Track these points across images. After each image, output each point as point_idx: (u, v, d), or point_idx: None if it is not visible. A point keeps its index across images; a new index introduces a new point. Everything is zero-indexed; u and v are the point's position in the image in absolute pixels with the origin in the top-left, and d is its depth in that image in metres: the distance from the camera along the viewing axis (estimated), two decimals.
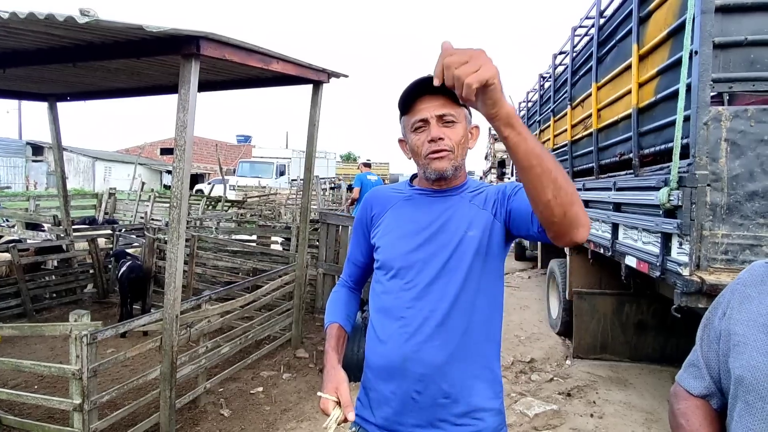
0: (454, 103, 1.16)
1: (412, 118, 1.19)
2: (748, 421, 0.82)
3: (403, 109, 1.21)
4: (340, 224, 5.76)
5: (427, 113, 1.16)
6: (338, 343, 1.28)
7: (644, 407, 3.52)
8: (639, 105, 3.11)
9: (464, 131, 1.19)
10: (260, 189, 18.00)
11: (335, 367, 1.20)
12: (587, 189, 4.16)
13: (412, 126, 1.19)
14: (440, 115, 1.15)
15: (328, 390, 1.15)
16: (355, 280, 1.44)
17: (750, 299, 0.90)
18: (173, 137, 2.57)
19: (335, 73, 4.03)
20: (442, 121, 1.16)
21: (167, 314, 2.82)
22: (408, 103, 1.19)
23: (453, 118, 1.16)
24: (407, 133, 1.23)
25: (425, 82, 1.13)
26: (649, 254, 2.85)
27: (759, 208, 2.30)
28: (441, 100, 1.16)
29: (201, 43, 2.34)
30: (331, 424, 1.10)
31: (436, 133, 1.15)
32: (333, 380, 1.17)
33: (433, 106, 1.16)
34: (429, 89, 1.13)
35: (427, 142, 1.17)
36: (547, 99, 6.05)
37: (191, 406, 3.48)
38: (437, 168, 1.18)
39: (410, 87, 1.16)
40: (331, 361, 1.22)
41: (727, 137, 2.33)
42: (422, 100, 1.17)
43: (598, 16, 3.96)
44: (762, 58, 2.34)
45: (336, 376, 1.17)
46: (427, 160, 1.18)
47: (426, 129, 1.17)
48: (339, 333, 1.31)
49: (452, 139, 1.16)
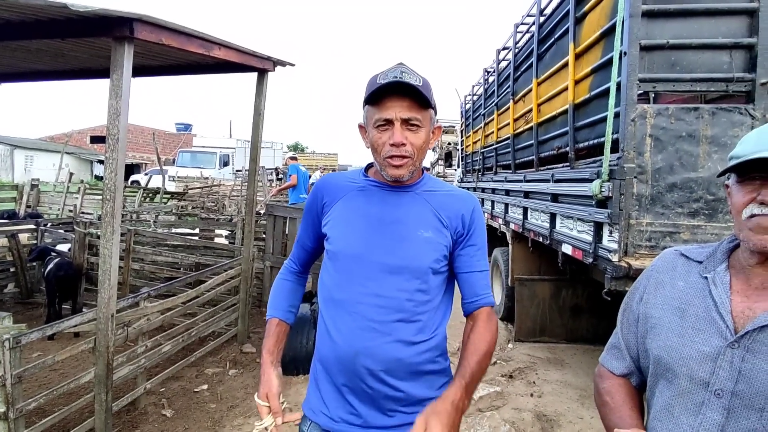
0: (421, 105, 1.16)
1: (376, 114, 1.16)
2: (667, 394, 0.91)
3: (369, 99, 1.18)
4: (287, 216, 5.66)
5: (392, 113, 1.14)
6: (276, 342, 1.29)
7: (579, 385, 3.77)
8: (575, 101, 3.28)
9: (427, 135, 1.19)
10: (202, 180, 17.28)
11: (268, 371, 1.23)
12: (528, 181, 4.34)
13: (375, 122, 1.17)
14: (406, 118, 1.14)
15: (260, 395, 1.19)
16: (302, 264, 1.43)
17: (663, 284, 0.98)
18: (105, 125, 2.40)
19: (281, 62, 3.92)
20: (406, 124, 1.15)
21: (101, 313, 2.66)
22: (376, 95, 1.16)
23: (418, 123, 1.15)
24: (369, 126, 1.20)
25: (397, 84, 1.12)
26: (583, 242, 3.03)
27: (677, 199, 2.51)
28: (409, 102, 1.14)
29: (135, 25, 2.19)
30: (258, 428, 1.15)
31: (398, 138, 1.14)
32: (265, 386, 1.20)
33: (400, 107, 1.14)
34: (399, 89, 1.13)
35: (388, 144, 1.15)
36: (491, 93, 6.22)
37: (130, 409, 3.32)
38: (394, 174, 1.17)
39: (383, 85, 1.13)
40: (264, 364, 1.24)
41: (651, 133, 2.52)
42: (391, 97, 1.14)
43: (538, 14, 4.12)
44: (681, 60, 2.54)
45: (268, 382, 1.20)
46: (385, 162, 1.17)
47: (389, 129, 1.15)
48: (278, 330, 1.31)
49: (414, 145, 1.16)
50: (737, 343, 0.82)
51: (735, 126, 2.46)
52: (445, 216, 1.23)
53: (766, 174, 0.83)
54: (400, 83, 1.12)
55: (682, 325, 0.90)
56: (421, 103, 1.15)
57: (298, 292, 1.43)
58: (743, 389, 0.80)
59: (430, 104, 1.17)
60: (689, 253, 0.98)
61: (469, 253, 1.24)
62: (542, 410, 3.37)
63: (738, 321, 0.84)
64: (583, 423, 3.23)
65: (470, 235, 1.24)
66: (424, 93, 1.14)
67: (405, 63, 1.20)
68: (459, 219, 1.23)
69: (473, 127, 7.73)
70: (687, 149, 2.50)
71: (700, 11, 2.49)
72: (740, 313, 0.85)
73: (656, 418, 0.93)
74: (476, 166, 7.33)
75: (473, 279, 1.24)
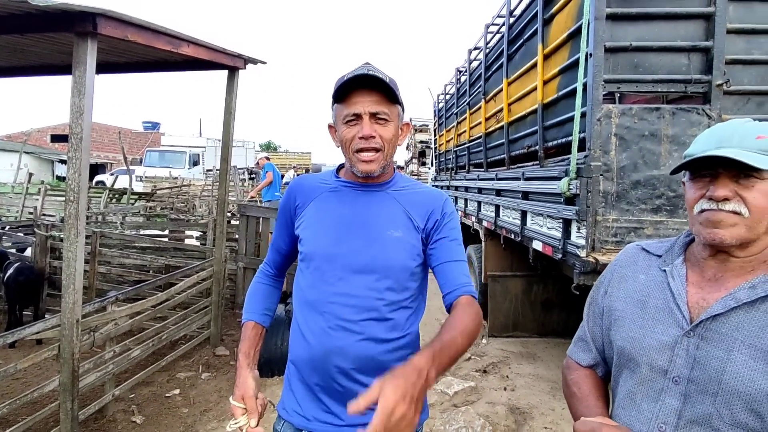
0: (389, 100, 1.17)
1: (345, 110, 1.17)
2: (630, 383, 0.95)
3: (337, 97, 1.19)
4: (260, 216, 5.59)
5: (361, 108, 1.15)
6: (251, 345, 1.28)
7: (550, 377, 3.87)
8: (544, 101, 3.35)
9: (396, 130, 1.20)
10: (171, 180, 16.84)
11: (244, 374, 1.22)
12: (500, 179, 4.42)
13: (344, 118, 1.17)
14: (374, 112, 1.15)
15: (236, 397, 1.18)
16: (277, 267, 1.43)
17: (626, 278, 1.03)
18: (67, 123, 2.32)
19: (252, 60, 3.87)
20: (375, 118, 1.16)
21: (66, 319, 2.56)
22: (343, 92, 1.16)
23: (386, 116, 1.17)
24: (338, 123, 1.21)
25: (364, 77, 1.13)
26: (553, 238, 3.11)
27: (641, 196, 2.61)
28: (376, 97, 1.15)
29: (98, 20, 2.11)
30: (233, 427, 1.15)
31: (367, 131, 1.15)
32: (241, 387, 1.19)
33: (368, 101, 1.15)
34: (366, 83, 1.13)
35: (357, 138, 1.16)
36: (463, 92, 6.30)
37: (98, 416, 3.22)
38: (364, 170, 1.18)
39: (348, 79, 1.14)
40: (241, 366, 1.23)
41: (616, 132, 2.60)
42: (358, 92, 1.15)
43: (508, 15, 4.19)
44: (643, 62, 2.63)
45: (244, 384, 1.19)
46: (355, 157, 1.18)
47: (358, 124, 1.16)
48: (254, 333, 1.31)
49: (383, 138, 1.17)
50: (692, 332, 0.86)
51: (693, 125, 2.57)
52: (416, 214, 1.24)
53: (714, 171, 0.87)
54: (367, 76, 1.13)
55: (643, 316, 0.95)
56: (389, 98, 1.17)
57: (274, 295, 1.42)
58: (698, 375, 0.84)
59: (398, 100, 1.19)
60: (649, 247, 1.03)
61: (443, 245, 1.23)
62: (515, 403, 3.44)
63: (693, 311, 0.88)
64: (554, 414, 3.32)
65: (442, 228, 1.24)
66: (391, 86, 1.15)
67: (371, 63, 1.21)
68: (429, 215, 1.24)
69: (446, 125, 7.80)
70: (649, 148, 2.60)
71: (660, 15, 2.59)
72: (695, 304, 0.89)
73: (620, 406, 0.97)
74: (449, 165, 7.41)
75: (449, 269, 1.21)
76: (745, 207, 0.84)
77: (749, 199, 0.83)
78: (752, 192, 0.83)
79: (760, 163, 0.82)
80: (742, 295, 0.84)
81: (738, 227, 0.84)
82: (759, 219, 0.83)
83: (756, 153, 0.83)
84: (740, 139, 0.86)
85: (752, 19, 2.60)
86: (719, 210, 0.85)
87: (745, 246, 0.86)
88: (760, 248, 0.86)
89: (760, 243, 0.86)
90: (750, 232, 0.84)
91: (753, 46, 2.61)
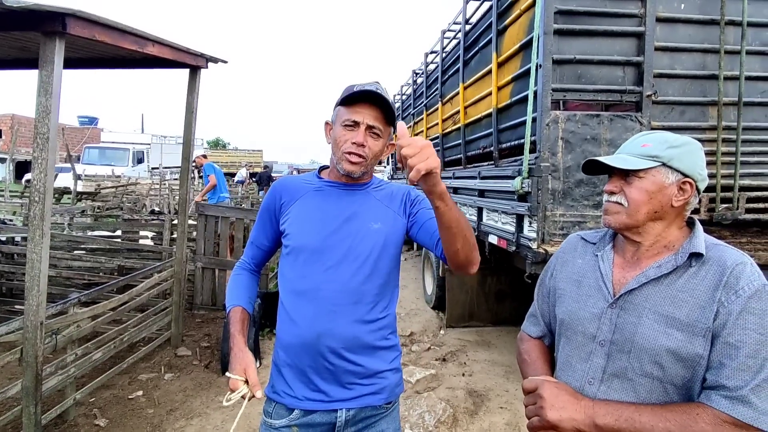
0: (386, 121, 1.33)
1: (347, 115, 1.32)
2: (567, 349, 1.15)
3: (343, 102, 1.33)
4: (219, 215, 5.54)
5: (361, 117, 1.30)
6: (243, 326, 1.35)
7: (504, 362, 4.16)
8: (498, 105, 3.61)
9: (383, 146, 1.37)
10: (115, 179, 16.01)
11: (243, 349, 1.28)
12: (457, 177, 4.66)
13: (344, 121, 1.32)
14: (371, 125, 1.31)
15: (237, 371, 1.23)
16: (257, 263, 1.52)
17: (567, 263, 1.24)
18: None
19: (214, 59, 3.87)
20: (370, 131, 1.32)
21: (29, 322, 2.51)
22: (351, 99, 1.31)
23: (379, 132, 1.33)
24: (336, 124, 1.36)
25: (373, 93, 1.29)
26: (507, 232, 3.37)
27: (584, 193, 2.91)
28: (377, 113, 1.31)
29: (67, 20, 2.09)
30: (235, 396, 1.19)
31: (360, 139, 1.31)
32: (241, 362, 1.25)
33: (369, 114, 1.31)
34: (373, 99, 1.29)
35: (350, 142, 1.31)
36: (420, 94, 6.51)
37: (58, 422, 3.14)
38: (348, 169, 1.34)
39: (360, 91, 1.29)
40: (238, 344, 1.30)
41: (563, 136, 2.88)
42: (364, 104, 1.31)
43: (464, 22, 4.42)
44: (585, 73, 2.93)
45: (244, 358, 1.25)
46: (343, 156, 1.33)
47: (354, 130, 1.31)
48: (243, 316, 1.38)
49: (371, 150, 1.33)
50: (615, 304, 1.07)
51: (627, 131, 2.90)
52: (394, 205, 1.42)
53: (609, 171, 1.12)
54: (376, 94, 1.29)
55: (579, 293, 1.15)
56: (387, 119, 1.34)
57: (254, 287, 1.51)
58: (617, 338, 1.05)
59: (393, 123, 1.36)
60: (587, 236, 1.25)
61: (422, 212, 1.41)
62: (473, 387, 3.69)
63: (616, 287, 1.09)
64: (509, 395, 3.59)
65: (416, 203, 1.43)
66: (392, 109, 1.33)
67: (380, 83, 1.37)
68: (402, 202, 1.44)
69: None
70: (591, 150, 2.89)
71: (599, 32, 2.89)
72: (618, 281, 1.10)
73: (560, 368, 1.17)
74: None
75: (432, 222, 1.31)
76: (625, 199, 1.07)
77: (628, 193, 1.07)
78: (632, 188, 1.06)
79: (628, 164, 1.05)
80: (651, 273, 1.04)
81: (620, 215, 1.07)
82: (636, 208, 1.06)
83: (636, 157, 1.06)
84: (631, 147, 1.10)
85: (676, 38, 2.96)
86: (608, 201, 1.10)
87: (633, 231, 1.08)
88: (654, 234, 1.08)
89: (651, 230, 1.07)
90: (630, 218, 1.06)
91: (676, 62, 2.98)
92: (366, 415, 1.36)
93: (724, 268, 0.97)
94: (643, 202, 1.04)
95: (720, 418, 0.90)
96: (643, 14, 2.86)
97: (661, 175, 1.04)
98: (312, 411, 1.33)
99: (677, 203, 1.05)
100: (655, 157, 1.04)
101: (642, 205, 1.05)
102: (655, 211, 1.05)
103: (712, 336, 0.95)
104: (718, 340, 0.94)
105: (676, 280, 1.01)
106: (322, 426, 1.34)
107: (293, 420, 1.33)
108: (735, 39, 2.96)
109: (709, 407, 0.91)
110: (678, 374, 0.97)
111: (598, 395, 1.04)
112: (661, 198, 1.04)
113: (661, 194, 1.04)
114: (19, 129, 17.65)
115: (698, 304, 0.97)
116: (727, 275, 0.96)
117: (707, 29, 2.97)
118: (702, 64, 3.00)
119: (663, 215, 1.06)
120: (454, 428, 3.17)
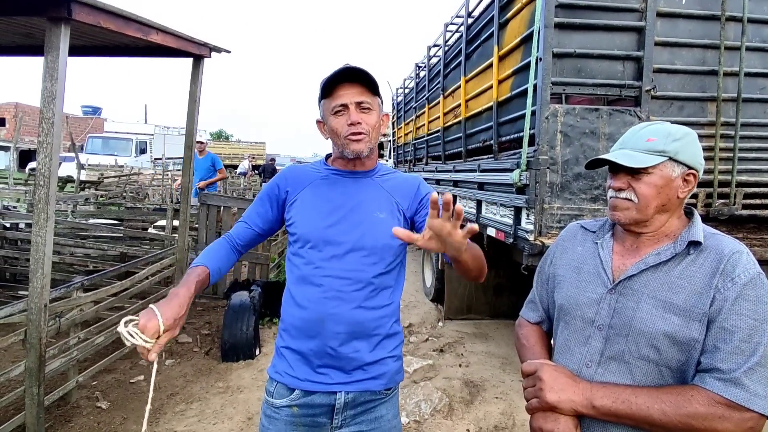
0: (370, 92, 1.34)
1: (332, 103, 1.33)
2: (566, 333, 1.19)
3: (323, 93, 1.35)
4: (221, 205, 5.59)
5: (347, 99, 1.31)
6: (197, 280, 1.26)
7: (501, 354, 4.21)
8: (498, 99, 3.63)
9: (378, 117, 1.38)
10: (117, 168, 16.09)
11: (185, 295, 1.17)
12: (457, 170, 4.69)
13: (333, 110, 1.34)
14: (358, 102, 1.32)
15: (166, 315, 1.09)
16: (243, 241, 1.46)
17: (567, 250, 1.27)
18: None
19: (217, 48, 3.89)
20: (359, 107, 1.32)
21: (33, 304, 2.56)
22: (329, 88, 1.32)
23: (369, 105, 1.34)
24: (327, 116, 1.37)
25: (347, 71, 1.29)
26: (505, 225, 3.40)
27: (582, 186, 2.93)
28: (359, 88, 1.32)
29: (73, 6, 2.12)
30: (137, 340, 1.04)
31: (355, 117, 1.31)
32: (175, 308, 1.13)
33: (352, 93, 1.31)
34: (349, 77, 1.29)
35: (347, 125, 1.32)
36: (422, 87, 6.52)
37: (61, 403, 3.20)
38: (355, 149, 1.34)
39: (333, 74, 1.30)
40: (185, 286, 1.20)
41: (561, 129, 2.90)
42: (342, 86, 1.31)
43: (466, 16, 4.43)
44: (585, 67, 2.94)
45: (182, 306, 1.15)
46: (346, 140, 1.34)
47: (345, 113, 1.32)
48: (203, 276, 1.29)
49: (369, 124, 1.34)
50: (614, 289, 1.10)
51: (626, 125, 2.91)
52: (399, 198, 1.43)
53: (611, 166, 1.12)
54: (350, 69, 1.30)
55: (578, 279, 1.18)
56: (370, 89, 1.34)
57: (231, 260, 1.43)
58: (616, 322, 1.08)
59: (378, 92, 1.37)
60: (587, 225, 1.28)
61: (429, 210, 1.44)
62: (469, 378, 3.74)
63: (615, 273, 1.12)
64: (504, 386, 3.64)
65: (423, 200, 1.43)
66: (372, 78, 1.33)
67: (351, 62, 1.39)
68: (410, 197, 1.44)
69: (405, 119, 8.02)
70: (589, 144, 2.91)
71: (600, 26, 2.90)
72: (617, 268, 1.13)
73: (558, 352, 1.20)
74: (408, 157, 7.64)
75: None
76: (635, 195, 1.08)
77: (638, 189, 1.07)
78: (641, 183, 1.07)
79: (638, 162, 1.06)
80: (650, 260, 1.08)
81: (630, 210, 1.09)
82: (646, 204, 1.07)
83: (642, 153, 1.07)
84: (635, 141, 1.10)
85: (676, 33, 2.97)
86: (617, 197, 1.11)
87: (641, 224, 1.10)
88: (658, 225, 1.10)
89: (656, 221, 1.10)
90: (640, 214, 1.08)
91: (676, 57, 2.99)
92: (365, 399, 1.38)
93: (721, 256, 1.00)
94: (652, 197, 1.06)
95: (714, 400, 0.93)
96: (644, 9, 2.87)
97: (668, 169, 1.06)
98: (312, 392, 1.35)
99: (682, 194, 1.08)
100: (662, 152, 1.06)
101: (652, 200, 1.06)
102: (663, 204, 1.07)
103: (708, 321, 0.98)
104: (714, 325, 0.97)
105: (674, 267, 1.04)
106: (322, 407, 1.36)
107: (294, 400, 1.36)
108: (735, 35, 2.97)
109: (703, 389, 0.95)
110: (674, 357, 1.01)
111: (595, 378, 1.07)
112: (668, 191, 1.06)
113: (668, 188, 1.06)
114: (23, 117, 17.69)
115: (695, 291, 1.00)
116: (724, 263, 0.99)
117: (707, 25, 2.98)
118: (702, 59, 3.01)
119: (669, 207, 1.08)
120: (450, 417, 3.22)
